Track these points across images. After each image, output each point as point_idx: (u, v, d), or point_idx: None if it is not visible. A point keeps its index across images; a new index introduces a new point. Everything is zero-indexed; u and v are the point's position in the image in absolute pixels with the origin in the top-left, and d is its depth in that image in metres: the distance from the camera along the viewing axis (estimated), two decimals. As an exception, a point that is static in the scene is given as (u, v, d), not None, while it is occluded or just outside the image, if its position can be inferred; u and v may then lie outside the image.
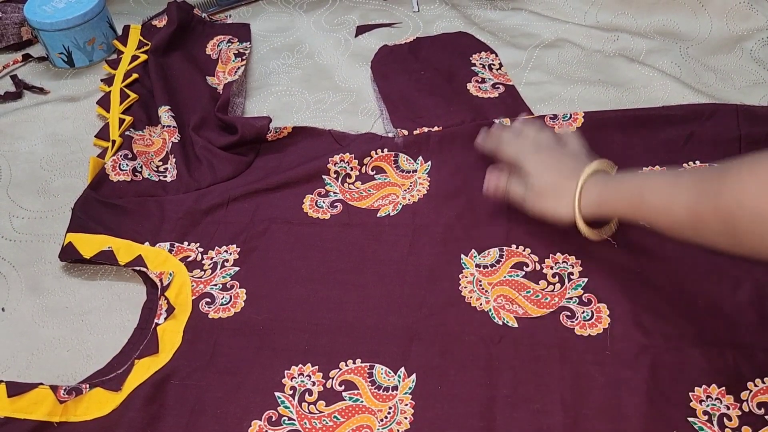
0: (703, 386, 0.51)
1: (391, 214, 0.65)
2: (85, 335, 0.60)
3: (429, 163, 0.69)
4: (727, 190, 0.44)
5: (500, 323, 0.56)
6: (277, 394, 0.53)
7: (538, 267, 0.60)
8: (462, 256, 0.61)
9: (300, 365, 0.55)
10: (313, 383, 0.54)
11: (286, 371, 0.55)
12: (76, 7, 0.84)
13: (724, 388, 0.51)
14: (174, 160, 0.71)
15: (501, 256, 0.61)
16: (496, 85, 0.77)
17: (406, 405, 0.52)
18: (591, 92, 0.77)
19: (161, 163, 0.72)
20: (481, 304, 0.58)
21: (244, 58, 0.83)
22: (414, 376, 0.54)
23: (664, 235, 0.51)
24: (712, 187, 0.46)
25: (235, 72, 0.80)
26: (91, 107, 0.80)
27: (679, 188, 0.49)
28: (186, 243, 0.64)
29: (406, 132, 0.71)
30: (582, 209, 0.55)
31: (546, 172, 0.58)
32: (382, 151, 0.70)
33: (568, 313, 0.56)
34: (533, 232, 0.62)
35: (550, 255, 0.60)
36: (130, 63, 0.83)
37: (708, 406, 0.50)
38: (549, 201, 0.58)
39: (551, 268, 0.60)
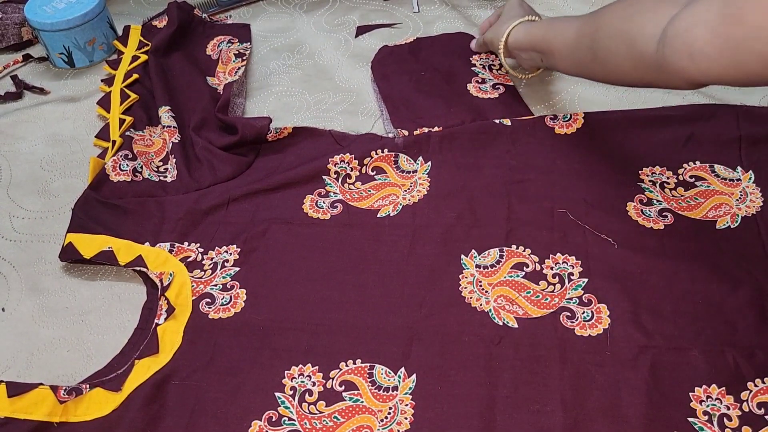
0: (703, 386, 0.51)
1: (391, 215, 0.65)
2: (85, 335, 0.60)
3: (429, 163, 0.69)
4: (599, 13, 0.58)
5: (500, 323, 0.56)
6: (277, 394, 0.53)
7: (538, 267, 0.60)
8: (462, 256, 0.61)
9: (300, 365, 0.55)
10: (314, 383, 0.54)
11: (286, 371, 0.55)
12: (77, 8, 0.84)
13: (724, 388, 0.51)
14: (174, 160, 0.71)
15: (501, 256, 0.61)
16: (497, 86, 0.77)
17: (407, 405, 0.52)
18: (591, 93, 0.77)
19: (161, 163, 0.72)
20: (481, 305, 0.58)
21: (244, 58, 0.83)
22: (414, 376, 0.54)
23: (560, 66, 0.66)
24: (594, 14, 0.59)
25: (236, 72, 0.80)
26: (92, 107, 0.80)
27: (576, 20, 0.62)
28: (186, 243, 0.64)
29: (406, 132, 0.71)
30: (510, 35, 0.72)
31: (506, 12, 0.75)
32: (383, 152, 0.70)
33: (569, 314, 0.56)
34: (533, 233, 0.62)
35: (550, 255, 0.60)
36: (131, 63, 0.83)
37: (708, 406, 0.50)
38: (495, 28, 0.75)
39: (551, 268, 0.60)
